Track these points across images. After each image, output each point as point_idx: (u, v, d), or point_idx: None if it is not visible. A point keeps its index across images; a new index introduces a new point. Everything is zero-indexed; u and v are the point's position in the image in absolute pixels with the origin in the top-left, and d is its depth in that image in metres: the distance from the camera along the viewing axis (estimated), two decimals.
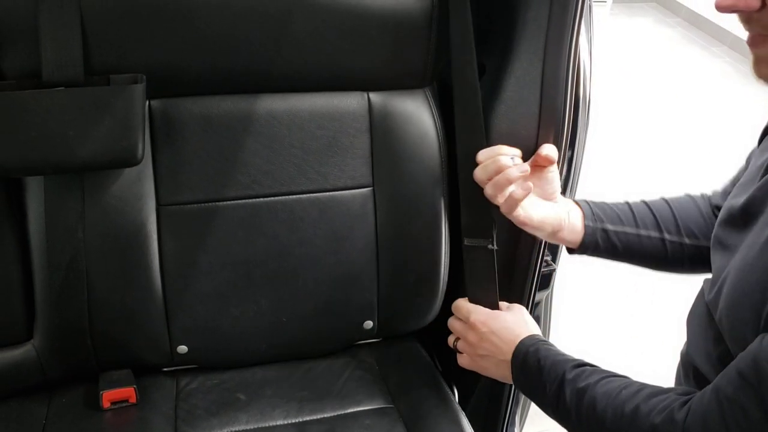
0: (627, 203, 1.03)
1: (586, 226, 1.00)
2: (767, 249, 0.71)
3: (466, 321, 1.04)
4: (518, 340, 0.95)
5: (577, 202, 1.03)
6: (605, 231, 1.00)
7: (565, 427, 0.88)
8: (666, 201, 1.03)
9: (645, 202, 1.03)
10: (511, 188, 0.96)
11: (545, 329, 1.37)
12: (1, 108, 0.89)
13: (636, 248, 1.00)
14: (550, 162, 1.00)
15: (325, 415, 1.07)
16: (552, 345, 0.94)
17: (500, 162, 0.97)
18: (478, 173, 1.00)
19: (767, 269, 0.70)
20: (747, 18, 0.68)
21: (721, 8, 0.67)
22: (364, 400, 1.10)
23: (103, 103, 0.92)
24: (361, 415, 1.08)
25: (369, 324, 1.18)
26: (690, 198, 1.04)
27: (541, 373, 0.89)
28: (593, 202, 1.03)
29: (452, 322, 1.08)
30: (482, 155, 1.00)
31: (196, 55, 1.00)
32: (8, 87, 0.91)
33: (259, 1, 0.99)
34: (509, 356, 0.95)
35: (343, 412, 1.08)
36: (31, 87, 0.91)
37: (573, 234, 1.00)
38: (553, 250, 1.29)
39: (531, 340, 0.95)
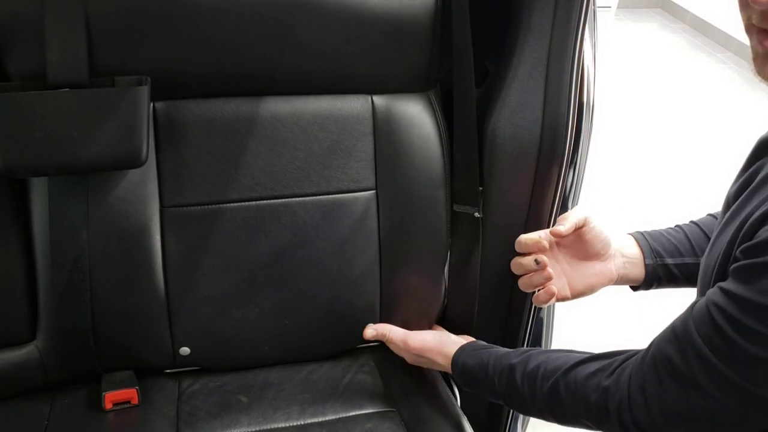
0: (681, 229, 1.02)
1: (647, 265, 1.00)
2: (722, 231, 0.74)
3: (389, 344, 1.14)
4: (450, 355, 1.01)
5: (635, 238, 1.02)
6: (666, 266, 1.00)
7: (522, 411, 0.92)
8: (714, 218, 1.01)
9: (696, 224, 1.02)
10: (536, 291, 1.01)
11: (548, 331, 1.37)
12: (6, 109, 0.90)
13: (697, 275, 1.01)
14: (562, 234, 0.98)
15: (327, 418, 1.07)
16: (483, 346, 0.99)
17: (524, 265, 1.02)
18: (513, 267, 1.05)
19: (719, 251, 0.73)
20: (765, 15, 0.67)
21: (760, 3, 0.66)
22: (365, 403, 1.10)
23: (107, 105, 0.93)
24: (362, 419, 1.07)
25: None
26: None
27: (486, 371, 0.92)
28: (649, 235, 1.02)
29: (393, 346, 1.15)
30: (519, 244, 1.03)
31: (200, 58, 1.00)
32: (13, 88, 0.92)
33: (263, 4, 0.99)
34: (448, 368, 1.02)
35: (344, 415, 1.08)
36: (36, 88, 0.91)
37: (633, 275, 1.01)
38: None
39: (463, 349, 1.00)
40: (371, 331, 1.14)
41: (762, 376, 0.65)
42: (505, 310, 1.23)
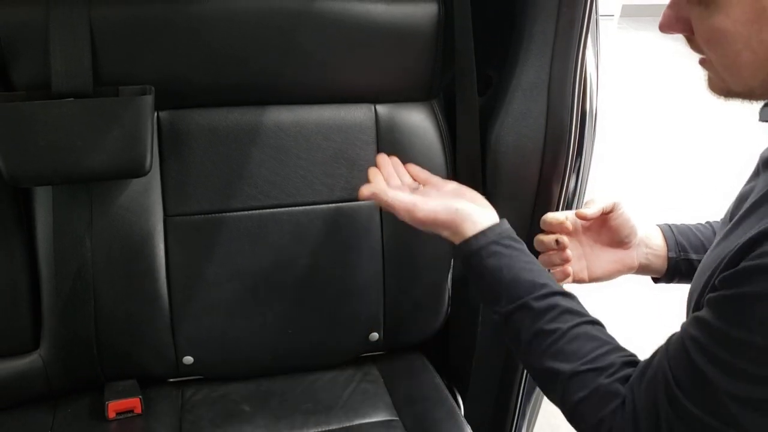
0: (710, 226, 1.00)
1: (669, 258, 0.97)
2: (717, 246, 0.72)
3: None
4: (465, 237, 0.86)
5: (662, 229, 0.99)
6: (689, 261, 0.97)
7: (508, 343, 0.83)
8: None
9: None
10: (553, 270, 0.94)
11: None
12: (11, 118, 0.90)
13: None
14: (588, 217, 0.93)
15: (330, 428, 1.07)
16: (502, 242, 0.84)
17: (545, 243, 0.95)
18: (536, 244, 0.96)
19: (709, 266, 0.71)
20: (687, 40, 0.70)
21: (661, 29, 0.70)
22: (369, 412, 1.10)
23: (111, 114, 0.93)
24: (366, 428, 1.07)
25: (374, 336, 1.18)
26: None
27: (499, 282, 0.82)
28: (677, 228, 1.00)
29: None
30: (544, 223, 0.95)
31: (204, 67, 1.01)
32: (18, 98, 0.92)
33: (267, 14, 1.00)
34: (460, 238, 0.86)
35: (348, 424, 1.08)
36: (40, 98, 0.92)
37: (655, 267, 0.98)
38: None
39: (484, 237, 0.85)
40: (366, 191, 0.93)
41: (735, 415, 0.63)
42: None
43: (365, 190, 0.93)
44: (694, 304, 0.73)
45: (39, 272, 1.02)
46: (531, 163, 1.08)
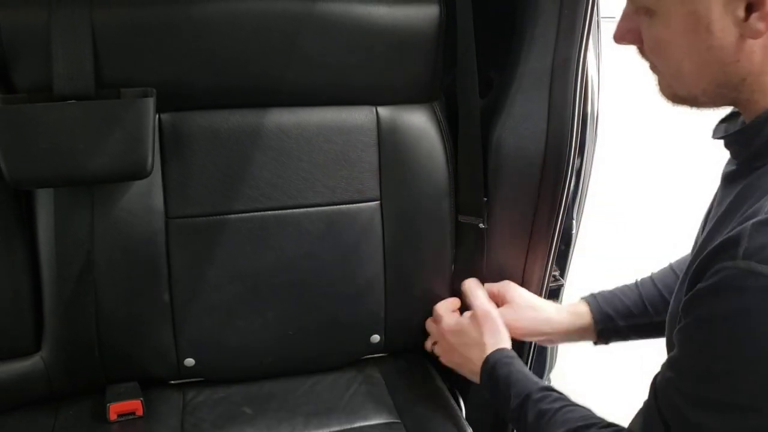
0: (636, 287, 1.04)
1: (598, 332, 1.04)
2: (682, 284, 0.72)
3: (437, 325, 1.13)
4: (485, 354, 1.00)
5: (587, 301, 1.05)
6: (617, 330, 1.03)
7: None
8: (674, 271, 1.02)
9: (653, 280, 1.03)
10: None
11: (553, 345, 1.36)
12: (13, 121, 0.90)
13: (652, 332, 1.01)
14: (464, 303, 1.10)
15: (332, 430, 1.07)
16: (518, 361, 0.98)
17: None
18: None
19: (675, 305, 0.72)
20: (639, 51, 0.72)
21: (614, 40, 0.73)
22: (370, 414, 1.10)
23: (113, 117, 0.93)
24: (367, 430, 1.07)
25: (376, 338, 1.18)
26: None
27: (508, 386, 0.93)
28: (601, 296, 1.05)
29: (429, 324, 1.16)
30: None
31: (205, 70, 1.01)
32: (20, 100, 0.92)
33: (269, 16, 1.00)
34: (478, 368, 1.00)
35: (349, 426, 1.07)
36: (42, 100, 0.92)
37: (586, 336, 1.05)
38: (561, 266, 1.28)
39: (500, 354, 0.99)
40: (429, 343, 1.18)
41: None
42: None
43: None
44: (670, 329, 0.74)
45: (40, 274, 1.02)
46: (532, 165, 1.08)
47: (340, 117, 1.09)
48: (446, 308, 1.13)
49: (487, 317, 1.04)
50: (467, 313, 1.09)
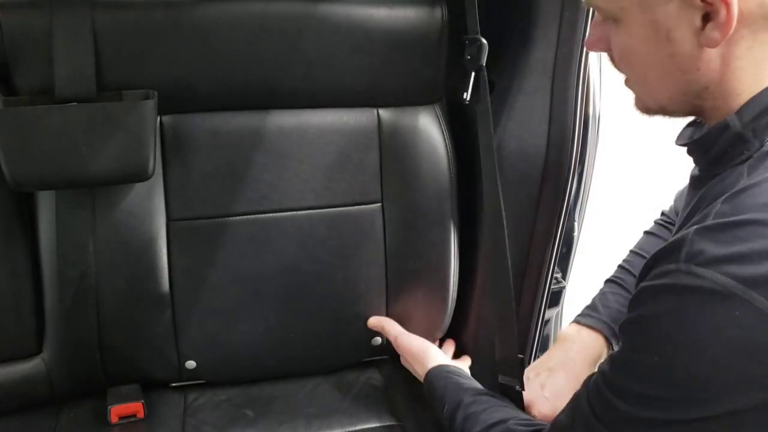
0: (624, 288, 1.02)
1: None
2: None
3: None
4: (427, 369, 1.03)
5: (597, 329, 1.00)
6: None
7: None
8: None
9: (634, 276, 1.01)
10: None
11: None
12: (15, 123, 0.90)
13: None
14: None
15: None
16: (459, 376, 1.00)
17: None
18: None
19: None
20: (611, 60, 0.72)
21: (587, 47, 0.74)
22: (371, 417, 1.10)
23: (114, 119, 0.93)
24: None
25: (378, 340, 1.18)
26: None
27: (444, 395, 0.95)
28: (608, 316, 1.00)
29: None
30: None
31: (207, 72, 1.01)
32: (21, 102, 0.93)
33: (270, 19, 1.00)
34: (421, 379, 1.04)
35: (350, 429, 1.07)
36: (43, 102, 0.92)
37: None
38: (563, 268, 1.28)
39: (440, 368, 1.02)
40: (373, 320, 1.16)
41: None
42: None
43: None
44: None
45: (42, 276, 1.02)
46: (534, 167, 1.08)
47: (341, 119, 1.09)
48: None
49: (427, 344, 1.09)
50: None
